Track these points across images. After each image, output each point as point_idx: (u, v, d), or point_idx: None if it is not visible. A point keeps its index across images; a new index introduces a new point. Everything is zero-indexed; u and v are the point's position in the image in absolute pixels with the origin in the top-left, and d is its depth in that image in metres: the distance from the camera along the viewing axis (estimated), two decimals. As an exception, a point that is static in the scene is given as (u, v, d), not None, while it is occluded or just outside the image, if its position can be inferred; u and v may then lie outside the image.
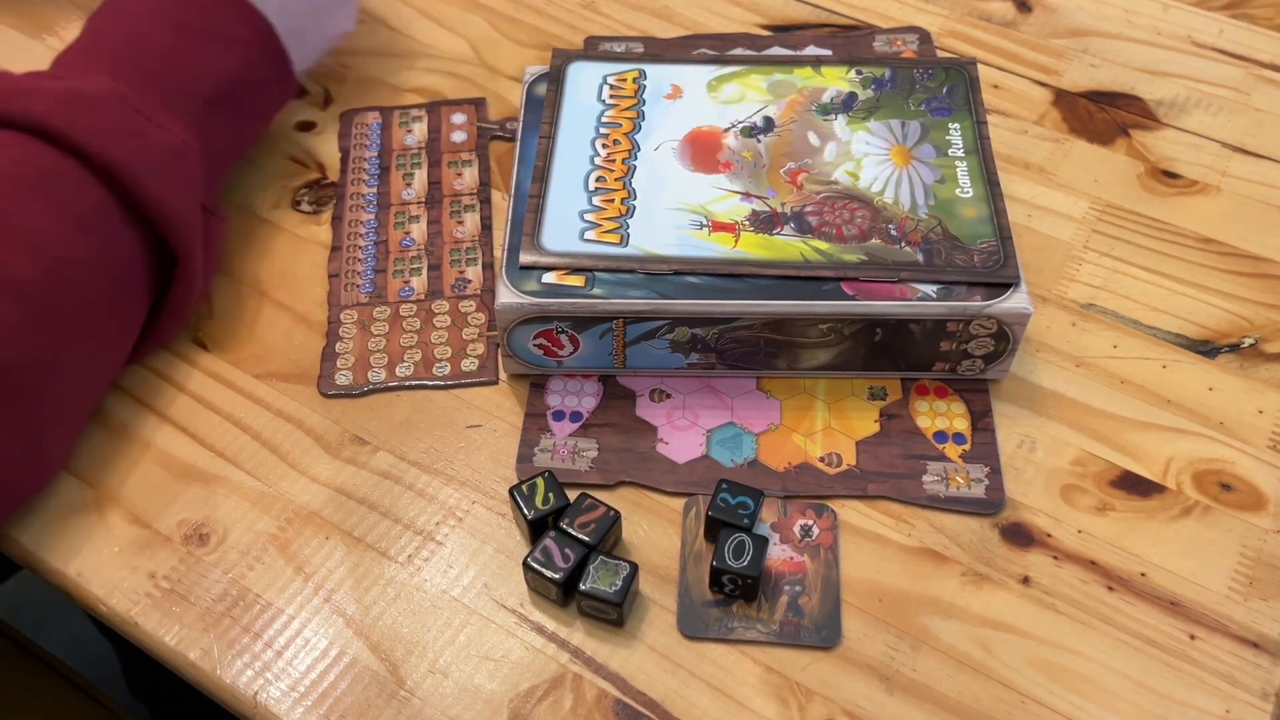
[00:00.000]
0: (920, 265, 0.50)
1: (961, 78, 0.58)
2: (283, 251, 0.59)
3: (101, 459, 0.51)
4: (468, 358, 0.54)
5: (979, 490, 0.49)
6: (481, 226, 0.59)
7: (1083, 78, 0.67)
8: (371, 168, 0.62)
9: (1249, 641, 0.45)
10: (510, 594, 0.47)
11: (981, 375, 0.52)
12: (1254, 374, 0.53)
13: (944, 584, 0.47)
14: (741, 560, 0.45)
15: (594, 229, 0.52)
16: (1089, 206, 0.60)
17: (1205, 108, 0.65)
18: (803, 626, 0.46)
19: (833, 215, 0.52)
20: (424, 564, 0.48)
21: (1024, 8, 0.71)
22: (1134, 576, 0.47)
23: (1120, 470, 0.50)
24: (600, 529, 0.46)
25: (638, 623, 0.46)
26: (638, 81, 0.59)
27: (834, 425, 0.51)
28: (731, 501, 0.47)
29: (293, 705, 0.44)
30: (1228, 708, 0.44)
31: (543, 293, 0.50)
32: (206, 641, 0.46)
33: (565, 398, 0.53)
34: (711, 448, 0.51)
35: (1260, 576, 0.47)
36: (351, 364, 0.54)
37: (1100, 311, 0.56)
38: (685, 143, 0.56)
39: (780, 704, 0.44)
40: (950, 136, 0.55)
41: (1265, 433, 0.51)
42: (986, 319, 0.49)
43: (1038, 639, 0.45)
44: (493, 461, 0.51)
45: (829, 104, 0.57)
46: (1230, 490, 0.50)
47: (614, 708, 0.44)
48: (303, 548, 0.48)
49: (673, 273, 0.50)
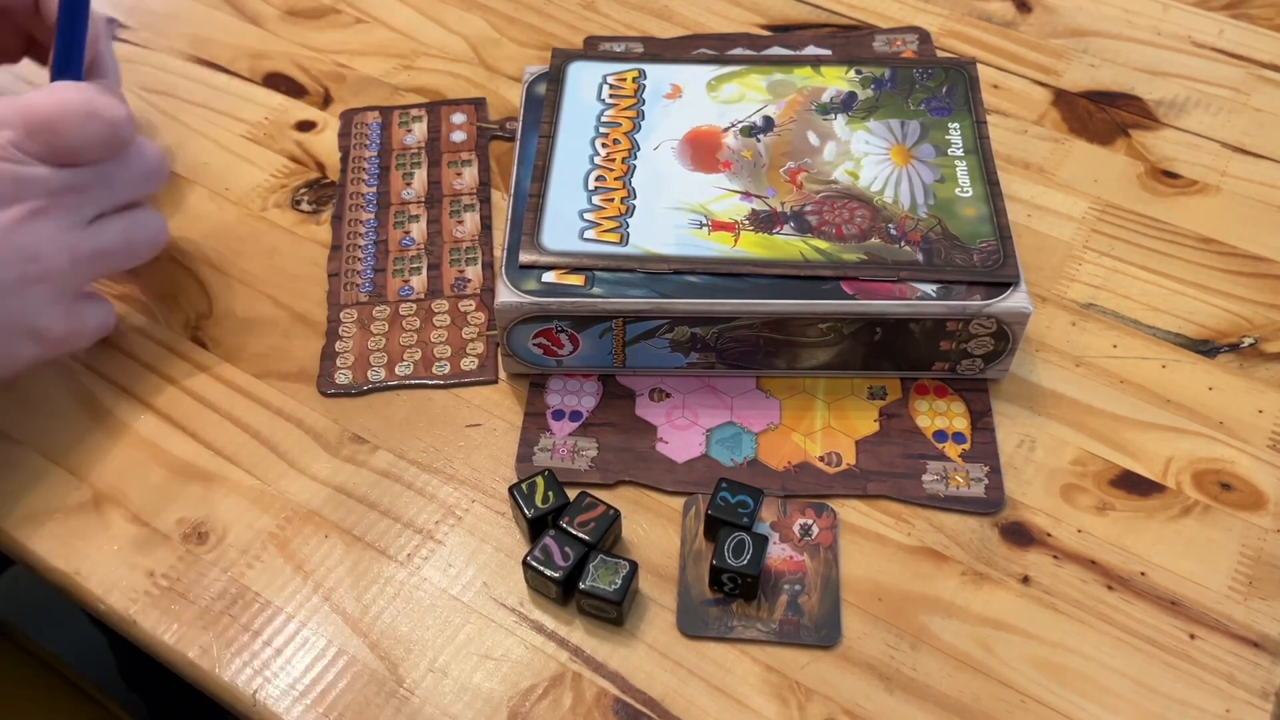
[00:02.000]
0: (920, 265, 0.50)
1: (961, 78, 0.58)
2: (282, 251, 0.59)
3: (100, 457, 0.51)
4: (467, 357, 0.54)
5: (979, 490, 0.49)
6: (481, 226, 0.59)
7: (1082, 78, 0.67)
8: (371, 167, 0.62)
9: (1249, 641, 0.45)
10: (510, 593, 0.47)
11: (981, 375, 0.52)
12: (1254, 374, 0.53)
13: (944, 583, 0.47)
14: (741, 559, 0.45)
15: (594, 228, 0.52)
16: (1089, 206, 0.60)
17: (1205, 108, 0.65)
18: (802, 625, 0.46)
19: (832, 215, 0.52)
20: (423, 563, 0.48)
21: (1024, 8, 0.71)
22: (1134, 576, 0.47)
23: (1120, 470, 0.50)
24: (600, 528, 0.46)
25: (637, 621, 0.46)
26: (637, 81, 0.59)
27: (834, 424, 0.51)
28: (731, 500, 0.47)
29: (292, 704, 0.44)
30: (1228, 707, 0.44)
31: (542, 292, 0.50)
32: (205, 640, 0.46)
33: (565, 397, 0.53)
34: (711, 447, 0.51)
35: (1260, 576, 0.47)
36: (351, 363, 0.54)
37: (1100, 311, 0.56)
38: (685, 142, 0.56)
39: (780, 703, 0.44)
40: (950, 136, 0.55)
41: (1265, 432, 0.51)
42: (986, 318, 0.49)
43: (1038, 638, 0.45)
44: (492, 460, 0.51)
45: (828, 104, 0.57)
46: (1230, 490, 0.50)
47: (613, 706, 0.44)
48: (302, 546, 0.48)
49: (672, 272, 0.50)
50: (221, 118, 0.66)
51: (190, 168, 0.63)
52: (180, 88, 0.67)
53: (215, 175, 0.62)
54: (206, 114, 0.66)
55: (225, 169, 0.63)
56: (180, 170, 0.63)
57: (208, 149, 0.64)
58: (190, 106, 0.66)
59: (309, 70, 0.68)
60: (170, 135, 0.64)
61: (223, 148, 0.64)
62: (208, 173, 0.63)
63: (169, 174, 0.54)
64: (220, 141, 0.64)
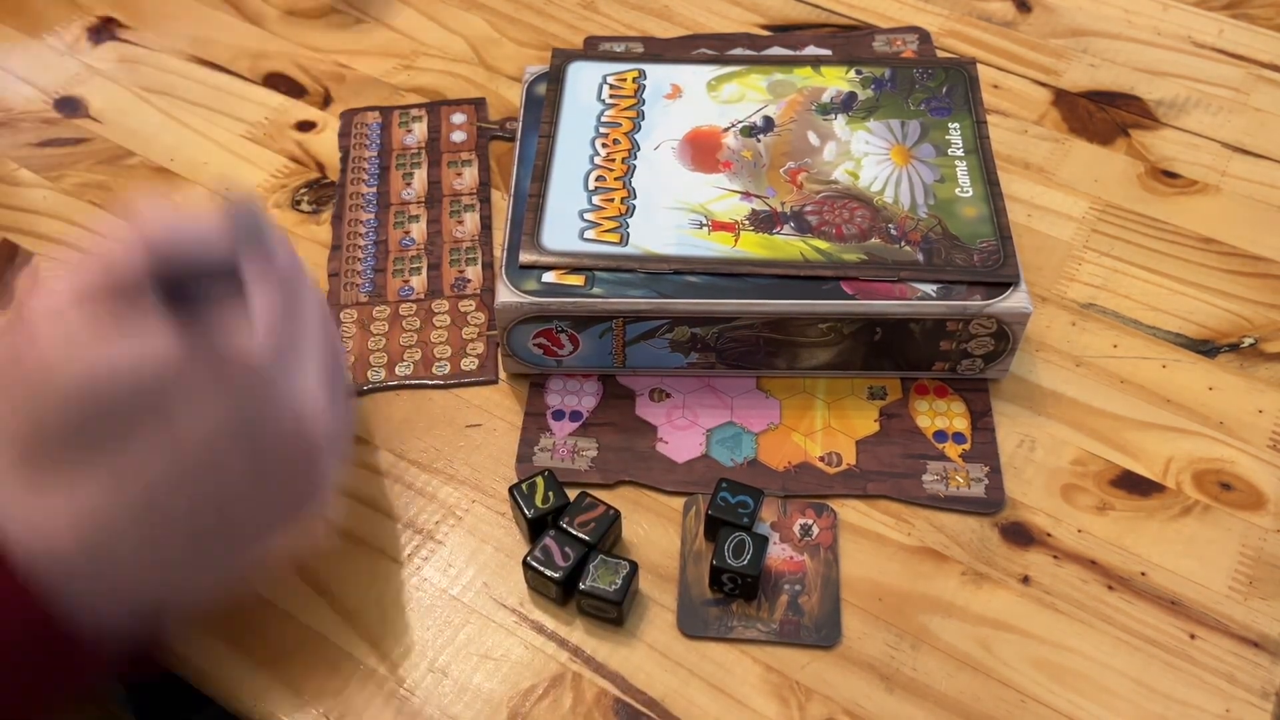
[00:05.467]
0: (920, 265, 0.50)
1: (961, 78, 0.58)
2: (282, 251, 0.59)
3: (101, 458, 0.50)
4: (467, 357, 0.54)
5: (979, 490, 0.49)
6: (481, 226, 0.59)
7: (1082, 78, 0.67)
8: (371, 167, 0.62)
9: (1249, 641, 0.45)
10: (510, 593, 0.47)
11: (981, 375, 0.52)
12: (1254, 373, 0.53)
13: (944, 583, 0.47)
14: (741, 559, 0.45)
15: (594, 228, 0.52)
16: (1089, 206, 0.60)
17: (1205, 108, 0.65)
18: (802, 625, 0.46)
19: (832, 215, 0.52)
20: (424, 563, 0.48)
21: (1024, 8, 0.71)
22: (1134, 576, 0.47)
23: (1120, 470, 0.50)
24: (600, 528, 0.46)
25: (637, 621, 0.46)
26: (637, 81, 0.59)
27: (834, 425, 0.51)
28: (731, 500, 0.47)
29: (291, 704, 0.44)
30: (1227, 707, 0.44)
31: (542, 292, 0.50)
32: (205, 639, 0.46)
33: (565, 397, 0.53)
34: (711, 447, 0.51)
35: (1260, 576, 0.47)
36: (351, 363, 0.54)
37: (1100, 311, 0.56)
38: (685, 142, 0.56)
39: (780, 703, 0.44)
40: (950, 136, 0.55)
41: (1265, 432, 0.51)
42: (986, 318, 0.49)
43: (1038, 638, 0.45)
44: (492, 460, 0.51)
45: (829, 104, 0.57)
46: (1230, 490, 0.50)
47: (613, 706, 0.44)
48: (302, 547, 0.48)
49: (672, 272, 0.50)
50: (221, 118, 0.66)
51: (190, 168, 0.63)
52: (180, 88, 0.67)
53: (215, 175, 0.62)
54: (206, 114, 0.66)
55: (225, 169, 0.63)
56: (180, 170, 0.63)
57: (208, 149, 0.64)
58: (190, 106, 0.66)
59: (309, 70, 0.68)
60: (170, 135, 0.64)
61: (223, 148, 0.64)
62: (208, 173, 0.63)
63: None
64: (220, 141, 0.64)
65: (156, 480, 0.36)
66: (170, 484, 0.37)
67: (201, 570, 0.39)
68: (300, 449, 0.39)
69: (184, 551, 0.38)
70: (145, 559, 0.37)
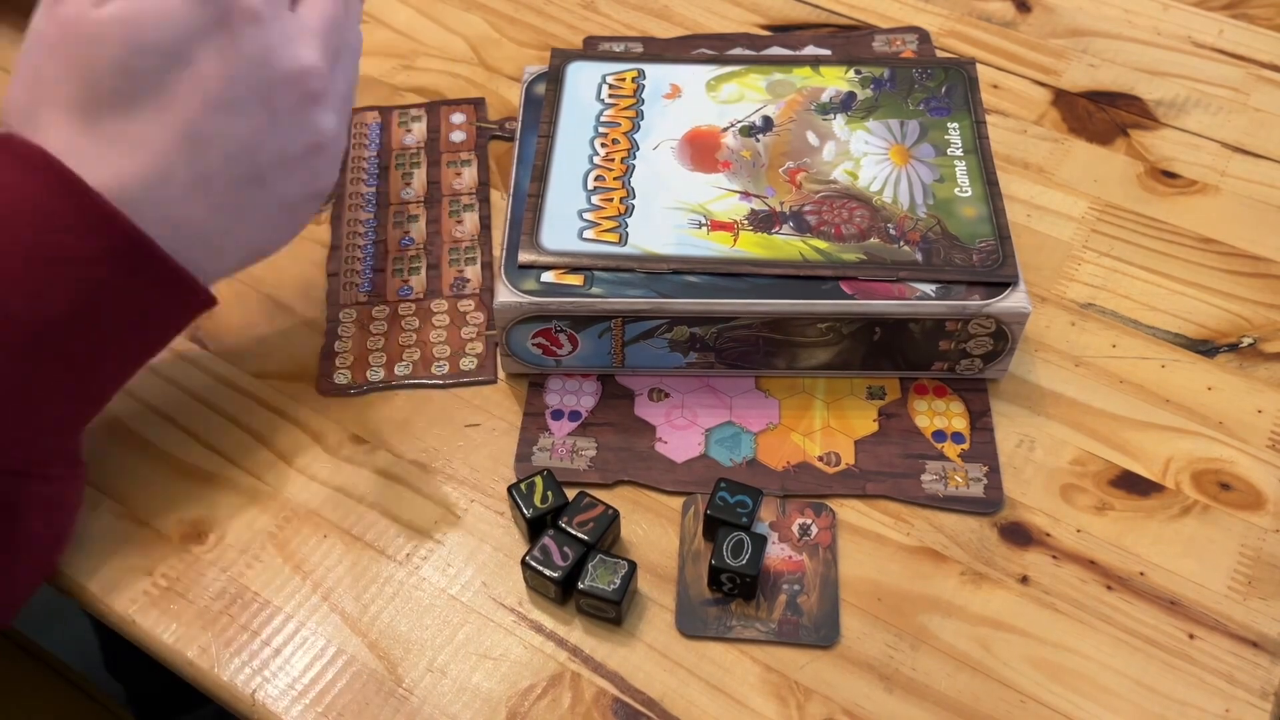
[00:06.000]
0: (919, 264, 0.50)
1: (960, 78, 0.58)
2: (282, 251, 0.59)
3: (100, 457, 0.50)
4: (466, 357, 0.54)
5: (978, 489, 0.49)
6: (480, 226, 0.59)
7: (1082, 78, 0.67)
8: (371, 167, 0.62)
9: (1248, 641, 0.45)
10: (509, 592, 0.47)
11: (980, 375, 0.52)
12: (1253, 374, 0.53)
13: (943, 583, 0.47)
14: (740, 559, 0.45)
15: (593, 228, 0.52)
16: (1088, 206, 0.60)
17: (1205, 108, 0.65)
18: (801, 625, 0.46)
19: (831, 214, 0.52)
20: (422, 562, 0.48)
21: (1023, 8, 0.71)
22: (1133, 576, 0.47)
23: (1119, 470, 0.50)
24: (599, 527, 0.46)
25: (636, 621, 0.46)
26: (637, 81, 0.59)
27: (833, 424, 0.51)
28: (730, 500, 0.47)
29: (291, 703, 0.44)
30: (1227, 707, 0.44)
31: (541, 292, 0.50)
32: (205, 640, 0.46)
33: (564, 397, 0.53)
34: (710, 447, 0.51)
35: (1259, 576, 0.47)
36: (350, 363, 0.54)
37: (1099, 311, 0.56)
38: (684, 142, 0.56)
39: (779, 703, 0.44)
40: (949, 136, 0.55)
41: (1264, 432, 0.51)
42: (985, 318, 0.49)
43: (1037, 638, 0.45)
44: (491, 460, 0.51)
45: (828, 103, 0.57)
46: (1229, 490, 0.50)
47: (612, 706, 0.44)
48: (301, 546, 0.48)
49: (671, 272, 0.50)
50: (221, 118, 0.65)
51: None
52: (180, 88, 0.67)
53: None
54: (206, 114, 0.66)
55: (225, 169, 0.63)
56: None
57: (207, 149, 0.64)
58: (190, 106, 0.66)
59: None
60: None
61: (222, 148, 0.64)
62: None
63: None
64: (220, 141, 0.64)
65: (193, 116, 0.42)
66: (204, 121, 0.42)
67: (244, 219, 0.45)
68: (305, 94, 0.44)
69: (225, 196, 0.43)
70: (198, 199, 0.43)
